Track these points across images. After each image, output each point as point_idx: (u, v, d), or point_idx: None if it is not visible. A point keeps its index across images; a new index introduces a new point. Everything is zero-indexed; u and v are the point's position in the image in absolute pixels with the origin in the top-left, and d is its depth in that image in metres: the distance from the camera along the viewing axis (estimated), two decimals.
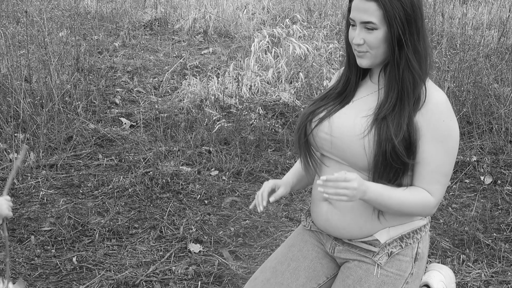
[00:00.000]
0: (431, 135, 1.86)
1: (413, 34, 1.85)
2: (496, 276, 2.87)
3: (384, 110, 1.89)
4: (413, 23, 1.84)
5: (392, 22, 1.82)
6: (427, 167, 1.87)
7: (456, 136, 1.90)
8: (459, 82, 4.81)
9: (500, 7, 7.47)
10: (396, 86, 1.88)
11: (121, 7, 8.18)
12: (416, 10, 1.84)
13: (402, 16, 1.82)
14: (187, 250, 3.04)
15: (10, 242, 3.04)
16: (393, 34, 1.83)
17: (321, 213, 2.05)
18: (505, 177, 3.82)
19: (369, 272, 1.97)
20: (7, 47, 5.21)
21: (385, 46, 1.86)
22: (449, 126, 1.86)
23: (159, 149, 4.09)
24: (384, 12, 1.81)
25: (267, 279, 2.09)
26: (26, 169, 3.74)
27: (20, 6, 7.33)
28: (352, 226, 1.97)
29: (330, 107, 1.99)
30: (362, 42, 1.86)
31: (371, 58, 1.89)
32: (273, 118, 4.75)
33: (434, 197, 1.88)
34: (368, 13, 1.82)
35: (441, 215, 3.40)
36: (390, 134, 1.85)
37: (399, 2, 1.81)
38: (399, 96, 1.88)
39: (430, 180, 1.88)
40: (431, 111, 1.86)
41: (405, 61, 1.86)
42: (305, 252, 2.13)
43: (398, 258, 1.98)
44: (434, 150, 1.86)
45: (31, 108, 4.38)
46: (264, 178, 3.80)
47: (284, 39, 5.92)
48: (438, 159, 1.86)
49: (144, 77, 5.68)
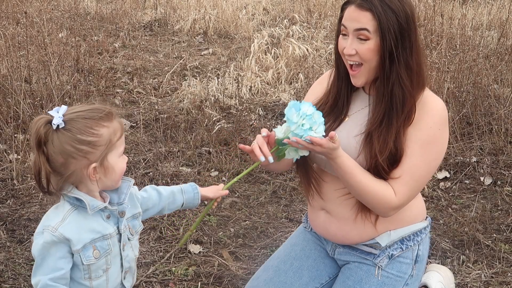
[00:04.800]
0: (415, 135, 1.81)
1: (405, 48, 1.79)
2: (496, 277, 2.87)
3: (369, 125, 1.84)
4: (407, 37, 1.78)
5: (386, 34, 1.76)
6: (401, 165, 1.82)
7: (440, 148, 1.83)
8: (459, 82, 4.81)
9: (499, 8, 7.47)
10: (384, 101, 1.81)
11: (121, 8, 8.18)
12: (410, 24, 1.79)
13: (396, 29, 1.76)
14: (187, 251, 3.04)
15: (10, 243, 3.04)
16: (385, 47, 1.77)
17: (318, 222, 2.04)
18: (505, 178, 3.83)
19: (370, 273, 1.96)
20: (7, 48, 5.21)
21: (377, 58, 1.79)
22: (434, 134, 1.81)
23: (159, 150, 4.09)
24: (379, 23, 1.75)
25: (270, 278, 2.08)
26: (26, 169, 3.74)
27: (20, 7, 7.32)
28: (351, 234, 1.95)
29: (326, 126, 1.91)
30: (354, 53, 1.79)
31: (365, 74, 1.81)
32: (273, 119, 4.75)
33: (397, 198, 1.82)
34: (362, 22, 1.77)
35: (441, 215, 3.40)
36: (375, 151, 1.80)
37: (394, 15, 1.76)
38: (386, 111, 1.81)
39: (399, 179, 1.82)
40: (423, 112, 1.81)
41: (395, 76, 1.79)
42: (307, 251, 2.12)
43: (399, 260, 1.98)
44: (411, 151, 1.81)
45: (31, 109, 4.38)
46: (264, 178, 3.80)
47: (284, 39, 5.93)
48: (412, 160, 1.81)
49: (144, 78, 5.68)
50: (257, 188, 3.70)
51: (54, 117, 1.54)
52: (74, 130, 1.55)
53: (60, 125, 1.54)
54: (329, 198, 1.97)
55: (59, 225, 1.58)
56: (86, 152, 1.56)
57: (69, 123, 1.55)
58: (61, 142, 1.54)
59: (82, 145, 1.55)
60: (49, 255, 1.57)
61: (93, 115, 1.59)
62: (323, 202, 2.00)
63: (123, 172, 1.67)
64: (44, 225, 1.60)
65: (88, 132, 1.56)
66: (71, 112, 1.58)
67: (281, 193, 3.64)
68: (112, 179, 1.64)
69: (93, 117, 1.58)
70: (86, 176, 1.59)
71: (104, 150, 1.59)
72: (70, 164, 1.56)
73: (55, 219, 1.59)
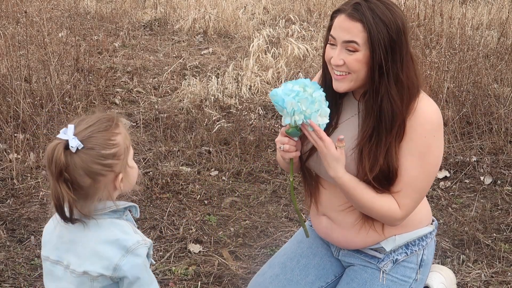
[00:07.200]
0: (410, 147, 1.77)
1: (396, 62, 1.73)
2: (496, 276, 2.87)
3: (359, 140, 1.80)
4: (397, 51, 1.73)
5: (375, 47, 1.70)
6: (400, 178, 1.79)
7: (437, 153, 1.81)
8: (459, 82, 4.81)
9: (499, 8, 7.46)
10: (373, 116, 1.77)
11: (121, 7, 8.18)
12: (401, 37, 1.73)
13: (386, 41, 1.70)
14: (187, 251, 3.04)
15: (10, 243, 3.04)
16: (375, 60, 1.71)
17: (321, 227, 2.03)
18: (505, 177, 3.83)
19: (374, 276, 1.94)
20: (7, 47, 5.21)
21: (365, 69, 1.74)
22: (429, 143, 1.78)
23: (159, 149, 4.09)
24: (369, 35, 1.70)
25: (276, 275, 2.06)
26: (26, 169, 3.74)
27: (19, 7, 7.32)
28: (355, 240, 1.93)
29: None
30: (342, 63, 1.74)
31: (350, 82, 1.77)
32: (273, 118, 4.75)
33: (402, 210, 1.81)
34: (352, 33, 1.71)
35: (441, 215, 3.40)
36: (365, 169, 1.77)
37: (385, 27, 1.70)
38: (375, 126, 1.77)
39: (401, 193, 1.80)
40: (416, 124, 1.77)
41: (384, 90, 1.73)
42: (314, 249, 2.10)
43: (403, 264, 1.96)
44: (409, 163, 1.78)
45: (31, 109, 4.38)
46: (264, 178, 3.80)
47: (284, 39, 5.93)
48: (411, 173, 1.78)
49: (144, 77, 5.68)
50: (257, 187, 3.70)
51: (69, 140, 1.46)
52: (97, 147, 1.49)
53: (79, 146, 1.47)
54: (329, 206, 1.96)
55: (142, 235, 1.55)
56: (112, 165, 1.52)
57: (88, 142, 1.48)
58: (85, 163, 1.47)
59: (107, 159, 1.50)
60: (146, 268, 1.55)
61: (105, 126, 1.54)
62: (324, 208, 1.98)
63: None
64: (128, 246, 1.52)
65: (109, 145, 1.51)
66: (81, 129, 1.50)
67: (281, 193, 3.64)
68: (133, 181, 1.62)
69: (107, 128, 1.53)
70: (115, 187, 1.56)
71: (125, 157, 1.56)
72: (99, 182, 1.51)
73: (131, 234, 1.54)
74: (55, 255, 1.58)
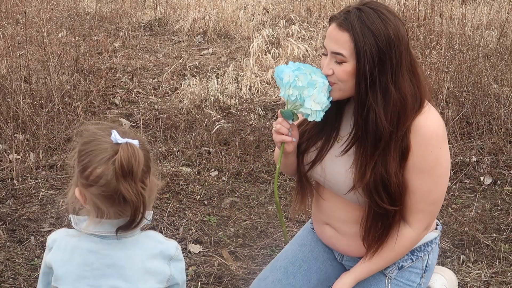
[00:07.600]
0: (417, 164, 1.75)
1: (385, 73, 1.67)
2: (496, 276, 2.87)
3: (345, 150, 1.79)
4: (388, 62, 1.66)
5: (361, 57, 1.65)
6: (411, 196, 1.78)
7: (445, 164, 1.79)
8: (459, 82, 4.81)
9: (499, 8, 7.47)
10: (359, 126, 1.73)
11: (121, 7, 8.18)
12: (393, 48, 1.66)
13: (374, 52, 1.65)
14: (187, 251, 3.04)
15: (10, 243, 3.04)
16: (360, 71, 1.67)
17: (324, 236, 2.00)
18: (505, 177, 3.83)
19: (379, 280, 1.93)
20: (6, 48, 5.21)
21: (354, 80, 1.70)
22: (437, 157, 1.75)
23: (158, 150, 4.09)
24: (355, 45, 1.66)
25: (278, 280, 2.04)
26: (26, 169, 3.74)
27: (19, 7, 7.32)
28: (361, 249, 1.91)
29: (319, 145, 1.86)
30: (331, 73, 1.71)
31: (339, 91, 1.74)
32: (273, 119, 4.75)
33: (413, 228, 1.80)
34: (339, 44, 1.68)
35: (441, 215, 3.40)
36: (356, 177, 1.75)
37: (373, 37, 1.65)
38: (360, 137, 1.74)
39: (412, 209, 1.79)
40: (421, 140, 1.73)
41: (371, 102, 1.68)
42: (316, 253, 2.08)
43: (409, 270, 1.96)
44: (420, 180, 1.76)
45: (30, 109, 4.38)
46: (264, 178, 3.80)
47: (284, 39, 5.93)
48: (423, 189, 1.77)
49: (143, 77, 5.68)
50: (257, 188, 3.70)
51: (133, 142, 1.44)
52: (147, 147, 1.49)
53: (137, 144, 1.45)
54: (331, 216, 1.94)
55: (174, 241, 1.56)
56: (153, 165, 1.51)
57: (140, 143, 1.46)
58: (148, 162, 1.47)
59: (151, 160, 1.50)
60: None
61: (131, 131, 1.52)
62: (326, 218, 1.96)
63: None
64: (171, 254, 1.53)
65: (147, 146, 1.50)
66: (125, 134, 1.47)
67: (281, 193, 3.64)
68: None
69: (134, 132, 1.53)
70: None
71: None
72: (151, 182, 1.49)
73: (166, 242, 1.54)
74: (85, 284, 1.49)
